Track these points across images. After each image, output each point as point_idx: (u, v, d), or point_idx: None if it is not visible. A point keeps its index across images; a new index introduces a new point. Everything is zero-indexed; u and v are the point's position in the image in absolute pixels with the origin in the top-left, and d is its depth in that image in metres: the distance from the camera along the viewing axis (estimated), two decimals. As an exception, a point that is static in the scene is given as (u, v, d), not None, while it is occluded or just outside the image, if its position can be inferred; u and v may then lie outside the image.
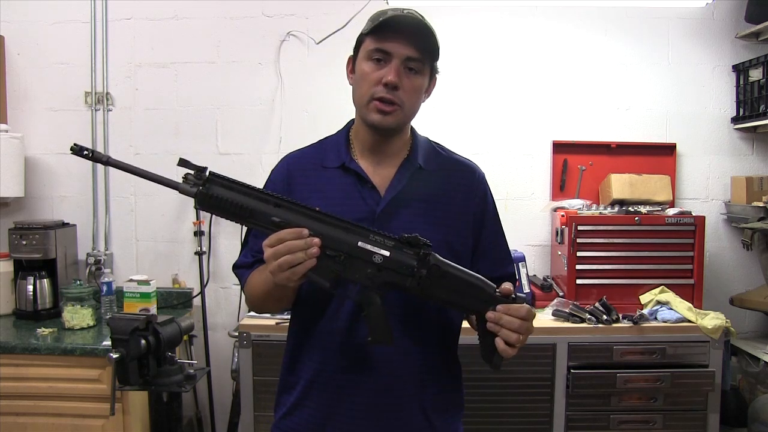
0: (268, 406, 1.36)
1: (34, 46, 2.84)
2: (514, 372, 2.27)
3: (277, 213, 1.05)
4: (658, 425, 2.30)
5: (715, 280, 2.80)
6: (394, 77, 1.15)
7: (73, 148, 1.05)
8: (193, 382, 1.61)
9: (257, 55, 2.83)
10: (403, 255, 1.08)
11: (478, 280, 1.12)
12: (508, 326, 1.09)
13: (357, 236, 1.07)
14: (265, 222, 1.05)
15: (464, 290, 1.11)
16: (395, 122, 1.20)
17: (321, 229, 1.05)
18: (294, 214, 1.05)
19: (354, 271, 1.07)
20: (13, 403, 2.21)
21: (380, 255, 1.07)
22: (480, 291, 1.11)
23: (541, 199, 2.85)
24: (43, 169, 2.88)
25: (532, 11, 2.82)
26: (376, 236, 1.08)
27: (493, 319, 1.09)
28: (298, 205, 1.06)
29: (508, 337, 1.09)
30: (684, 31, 2.83)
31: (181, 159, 1.04)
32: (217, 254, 2.87)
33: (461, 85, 2.82)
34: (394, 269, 1.08)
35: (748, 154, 2.87)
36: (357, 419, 1.21)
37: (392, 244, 1.08)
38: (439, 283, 1.09)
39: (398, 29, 1.16)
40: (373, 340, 1.10)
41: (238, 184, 1.05)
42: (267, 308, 1.30)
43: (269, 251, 1.02)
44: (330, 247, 1.05)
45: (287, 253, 1.00)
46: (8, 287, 2.65)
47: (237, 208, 1.04)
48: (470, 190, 1.30)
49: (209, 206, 1.05)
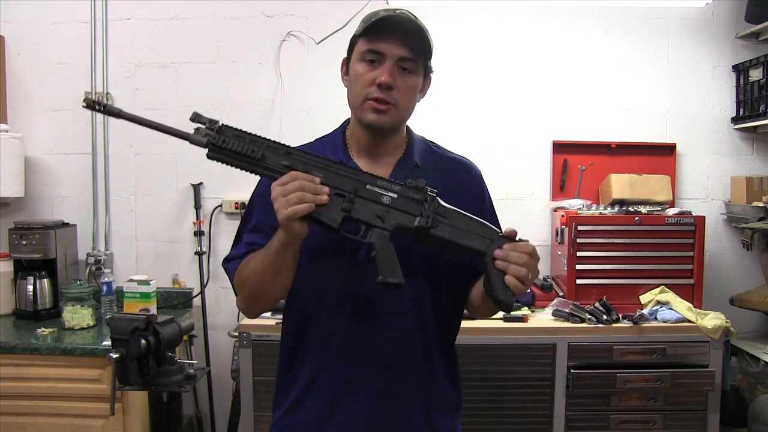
0: (268, 406, 1.35)
1: (34, 46, 2.84)
2: (514, 372, 2.27)
3: (286, 160, 1.08)
4: (658, 425, 2.30)
5: (715, 280, 2.80)
6: (387, 77, 1.16)
7: (86, 101, 1.08)
8: (193, 382, 1.61)
9: (257, 55, 2.83)
10: (410, 197, 1.11)
11: (482, 221, 1.14)
12: (516, 261, 1.08)
13: (365, 183, 1.11)
14: (275, 169, 1.08)
15: (470, 229, 1.12)
16: (390, 121, 1.20)
17: (330, 175, 1.09)
18: (303, 162, 1.09)
19: (362, 211, 1.10)
20: (13, 403, 2.21)
21: (388, 196, 1.11)
22: (485, 229, 1.12)
23: (541, 199, 2.85)
24: (43, 169, 2.88)
25: (532, 11, 2.82)
26: (382, 181, 1.12)
27: (501, 256, 1.09)
28: (309, 154, 1.10)
29: (518, 272, 1.08)
30: (684, 31, 2.83)
31: (194, 113, 1.09)
32: (217, 254, 2.87)
33: (461, 85, 2.82)
34: (402, 209, 1.11)
35: (748, 154, 2.87)
36: (357, 418, 1.21)
37: (399, 189, 1.12)
38: (445, 222, 1.11)
39: (391, 30, 1.16)
40: (383, 279, 1.08)
41: (248, 134, 1.09)
42: (263, 290, 1.19)
43: (278, 189, 1.04)
44: (339, 188, 1.09)
45: (298, 189, 1.03)
46: (8, 287, 2.65)
47: (248, 155, 1.08)
48: (467, 188, 1.31)
49: (220, 155, 1.09)
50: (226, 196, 2.85)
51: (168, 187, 2.87)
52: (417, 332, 1.23)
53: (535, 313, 2.47)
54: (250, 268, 1.19)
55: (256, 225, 1.26)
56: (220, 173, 2.86)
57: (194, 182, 2.84)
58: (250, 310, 1.26)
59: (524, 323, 2.33)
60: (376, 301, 1.20)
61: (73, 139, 2.86)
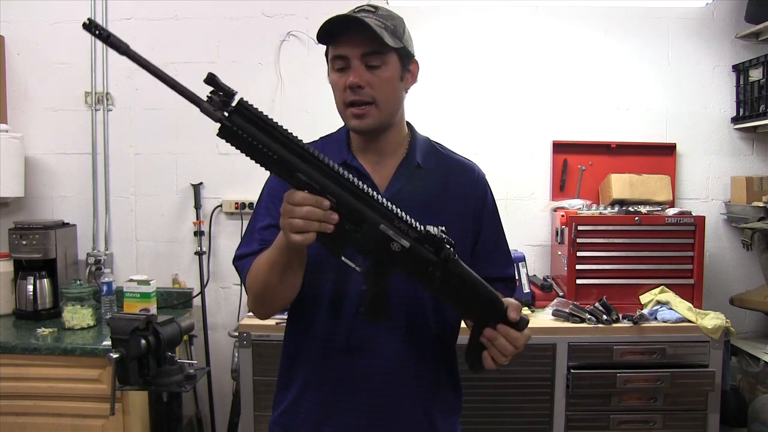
0: (268, 406, 1.35)
1: (34, 46, 2.84)
2: (514, 372, 2.26)
3: (303, 169, 0.96)
4: (658, 425, 2.30)
5: (715, 280, 2.80)
6: (353, 78, 1.14)
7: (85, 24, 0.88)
8: (193, 382, 1.61)
9: (257, 55, 2.83)
10: (423, 250, 1.02)
11: (490, 295, 1.09)
12: (501, 349, 1.09)
13: (381, 217, 1.00)
14: (289, 174, 0.96)
15: (472, 301, 1.08)
16: (373, 122, 1.18)
17: (345, 198, 0.98)
18: (321, 175, 0.97)
19: (367, 250, 1.02)
20: (13, 403, 2.21)
21: (399, 244, 1.01)
22: (488, 308, 1.09)
23: (541, 199, 2.85)
24: (43, 169, 2.88)
25: (532, 11, 2.82)
26: (400, 223, 1.01)
27: (489, 338, 1.09)
28: (326, 165, 0.97)
29: (496, 357, 1.10)
30: (684, 31, 2.83)
31: (209, 74, 0.93)
32: (217, 254, 2.87)
33: (462, 84, 2.82)
34: (410, 261, 1.03)
35: (748, 154, 2.87)
36: (357, 418, 1.21)
37: (415, 236, 1.02)
38: (450, 286, 1.06)
39: (346, 30, 1.14)
40: (367, 314, 1.06)
41: (268, 123, 0.95)
42: (269, 291, 1.16)
43: (286, 207, 0.97)
44: (349, 220, 0.99)
45: (304, 218, 0.96)
46: (8, 287, 2.65)
47: (263, 150, 0.95)
48: (470, 189, 1.30)
49: (233, 139, 0.95)
50: (226, 196, 2.85)
51: (168, 187, 2.87)
52: (418, 336, 1.23)
53: (535, 313, 2.47)
54: (258, 267, 1.17)
55: (272, 222, 1.22)
56: (220, 173, 2.90)
57: (194, 182, 2.84)
58: (259, 312, 1.24)
59: (524, 323, 2.33)
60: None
61: (73, 139, 2.86)
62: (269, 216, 1.23)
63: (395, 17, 1.20)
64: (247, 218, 2.53)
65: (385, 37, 1.13)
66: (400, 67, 1.20)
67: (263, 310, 1.23)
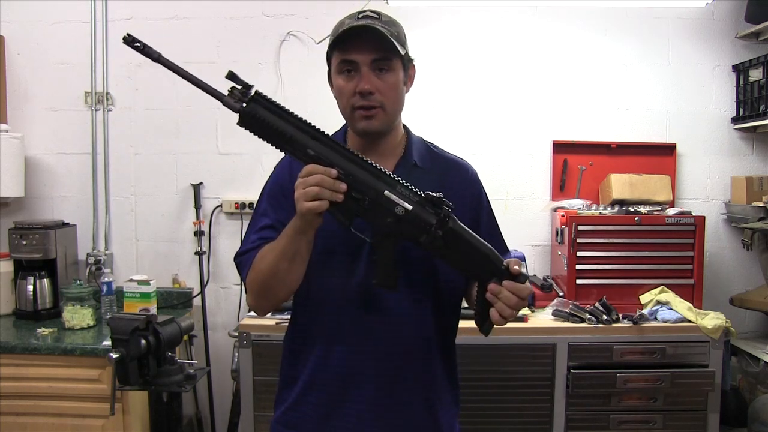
0: (268, 406, 1.36)
1: (34, 46, 2.84)
2: (514, 372, 2.27)
3: (313, 145, 1.08)
4: (658, 425, 2.30)
5: (715, 280, 2.80)
6: (365, 85, 1.18)
7: (125, 39, 1.09)
8: (193, 382, 1.61)
9: (257, 55, 2.83)
10: (424, 212, 1.11)
11: (489, 251, 1.14)
12: (505, 301, 1.12)
13: (384, 184, 1.10)
14: (300, 151, 1.08)
15: (474, 258, 1.13)
16: (380, 125, 1.23)
17: (351, 169, 1.09)
18: (328, 149, 1.08)
19: (374, 216, 1.11)
20: (13, 403, 2.21)
21: (402, 207, 1.10)
22: (489, 263, 1.14)
23: (541, 199, 2.85)
24: (43, 169, 2.88)
25: (533, 11, 2.82)
26: (402, 188, 1.11)
27: (493, 291, 1.12)
28: (333, 141, 1.10)
29: (503, 311, 1.12)
30: (684, 31, 2.82)
31: (230, 72, 1.07)
32: (217, 254, 2.87)
33: (462, 85, 2.82)
34: (413, 223, 1.11)
35: (748, 154, 2.87)
36: (362, 412, 1.23)
37: (416, 200, 1.11)
38: (451, 245, 1.12)
39: (358, 37, 1.18)
40: (378, 282, 1.14)
41: (281, 109, 1.08)
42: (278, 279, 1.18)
43: (300, 180, 1.07)
44: (356, 189, 1.09)
45: (316, 185, 1.05)
46: (8, 287, 2.65)
47: (277, 132, 1.07)
48: (464, 188, 1.33)
49: (251, 126, 1.08)
50: (226, 196, 2.85)
51: (168, 187, 2.87)
52: (418, 331, 1.26)
53: (535, 313, 2.47)
54: (264, 258, 1.19)
55: (269, 222, 1.26)
56: (220, 173, 2.90)
57: (194, 182, 2.84)
58: (260, 305, 1.25)
59: (524, 323, 2.33)
60: (378, 300, 1.22)
61: (73, 139, 2.86)
62: (267, 217, 1.27)
63: (397, 24, 1.25)
64: (247, 218, 2.54)
65: (400, 37, 1.20)
66: (402, 71, 1.24)
67: (265, 303, 1.25)
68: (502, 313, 1.12)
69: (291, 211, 1.11)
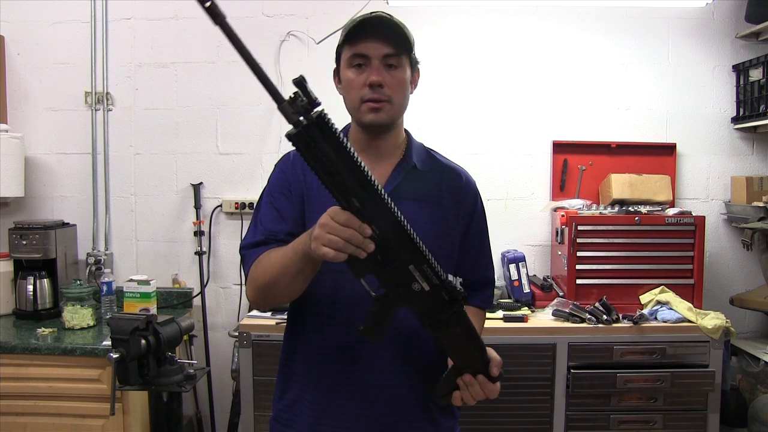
0: (268, 405, 1.36)
1: (34, 46, 2.84)
2: (514, 372, 2.26)
3: (359, 194, 0.96)
4: (658, 425, 2.30)
5: (715, 280, 2.80)
6: (376, 77, 1.20)
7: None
8: (193, 382, 1.61)
9: (257, 55, 2.75)
10: (438, 297, 1.08)
11: (482, 347, 1.17)
12: (473, 393, 1.17)
13: (413, 257, 1.04)
14: (343, 197, 0.97)
15: (464, 349, 1.15)
16: (387, 117, 1.24)
17: (387, 233, 1.00)
18: (372, 204, 0.98)
19: (389, 280, 1.06)
20: (13, 403, 2.21)
21: (421, 286, 1.06)
22: (475, 359, 1.17)
23: (541, 199, 2.85)
24: (43, 169, 2.88)
25: (533, 11, 2.82)
26: (428, 267, 1.05)
27: (466, 382, 1.17)
28: (380, 195, 0.98)
29: (467, 399, 1.18)
30: (684, 31, 2.83)
31: (300, 77, 0.93)
32: (217, 254, 2.87)
33: (462, 85, 2.82)
34: (423, 302, 1.08)
35: (748, 154, 2.87)
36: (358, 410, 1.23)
37: (436, 283, 1.06)
38: (449, 332, 1.12)
39: (370, 31, 1.21)
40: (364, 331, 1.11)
41: (340, 143, 0.93)
42: (277, 290, 1.18)
43: (330, 222, 0.98)
44: (383, 253, 1.02)
45: (345, 239, 0.97)
46: (8, 287, 2.65)
47: (327, 166, 0.94)
48: (460, 193, 1.34)
49: (301, 147, 0.93)
50: (226, 196, 2.85)
51: (168, 187, 2.87)
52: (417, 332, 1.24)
53: (535, 313, 2.47)
54: (269, 263, 1.18)
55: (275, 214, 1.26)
56: (220, 173, 2.90)
57: (194, 182, 2.84)
58: (259, 303, 1.26)
59: (524, 323, 2.33)
60: None
61: (73, 139, 2.86)
62: (273, 208, 1.27)
63: (407, 27, 1.26)
64: (248, 218, 2.54)
65: (409, 38, 1.23)
66: (409, 70, 1.27)
67: (263, 303, 1.26)
68: (466, 401, 1.18)
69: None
